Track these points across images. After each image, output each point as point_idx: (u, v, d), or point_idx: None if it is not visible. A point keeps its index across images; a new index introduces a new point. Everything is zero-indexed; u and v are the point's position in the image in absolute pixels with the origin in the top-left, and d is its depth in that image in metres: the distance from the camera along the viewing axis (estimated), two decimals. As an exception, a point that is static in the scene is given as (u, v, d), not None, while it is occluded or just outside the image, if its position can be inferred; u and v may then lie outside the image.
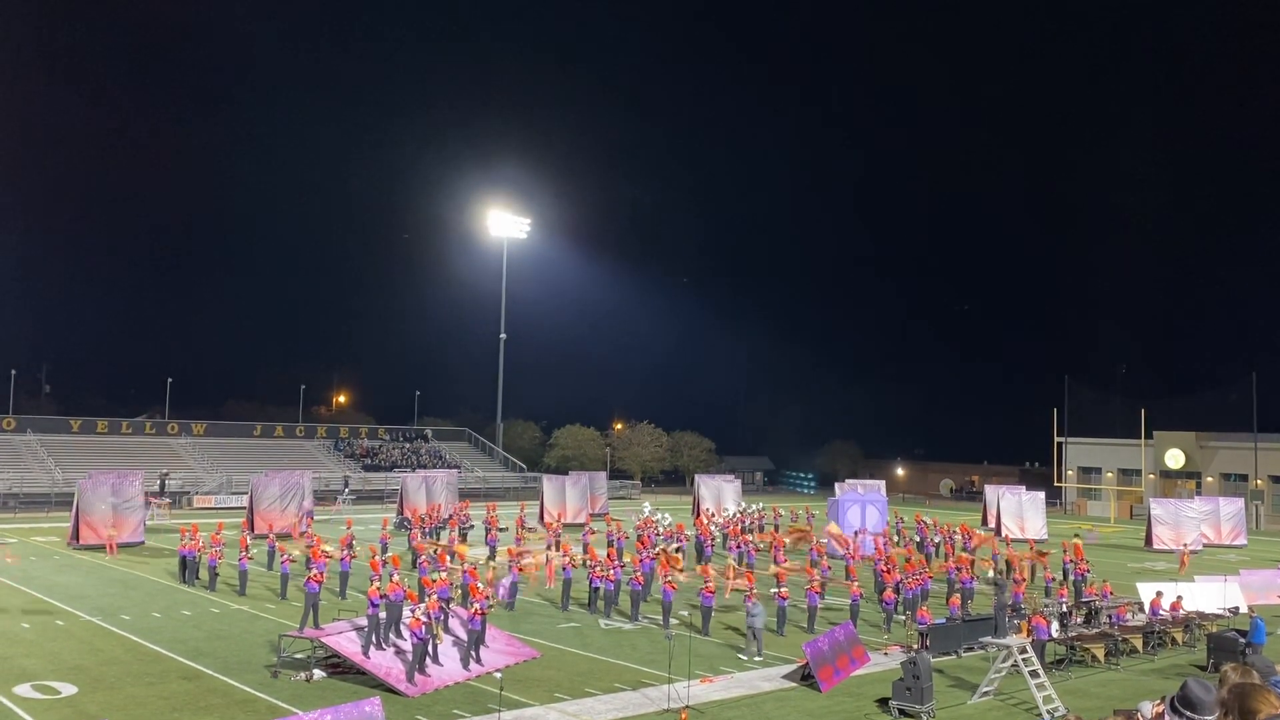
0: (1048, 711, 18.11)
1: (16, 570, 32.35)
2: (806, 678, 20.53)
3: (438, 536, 38.88)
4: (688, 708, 18.19)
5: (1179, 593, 27.06)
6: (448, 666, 20.51)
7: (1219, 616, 26.35)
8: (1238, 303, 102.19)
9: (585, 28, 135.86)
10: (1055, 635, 22.99)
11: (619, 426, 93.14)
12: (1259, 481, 68.05)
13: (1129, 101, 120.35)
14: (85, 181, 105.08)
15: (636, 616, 26.70)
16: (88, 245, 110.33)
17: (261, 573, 31.78)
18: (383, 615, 20.78)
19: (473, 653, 21.01)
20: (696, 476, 60.34)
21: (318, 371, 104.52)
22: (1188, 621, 25.63)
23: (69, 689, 18.78)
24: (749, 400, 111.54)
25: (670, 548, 33.25)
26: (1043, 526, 50.51)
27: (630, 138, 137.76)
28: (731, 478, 61.17)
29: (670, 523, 41.81)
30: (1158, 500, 52.85)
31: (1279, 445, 67.71)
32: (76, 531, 38.83)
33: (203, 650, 22.08)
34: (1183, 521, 48.16)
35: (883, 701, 19.02)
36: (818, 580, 27.58)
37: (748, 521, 46.23)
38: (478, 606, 21.56)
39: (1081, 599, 27.80)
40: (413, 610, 20.52)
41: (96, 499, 39.33)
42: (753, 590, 25.54)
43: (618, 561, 29.55)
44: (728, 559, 35.40)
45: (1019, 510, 51.18)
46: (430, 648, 20.26)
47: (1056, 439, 69.97)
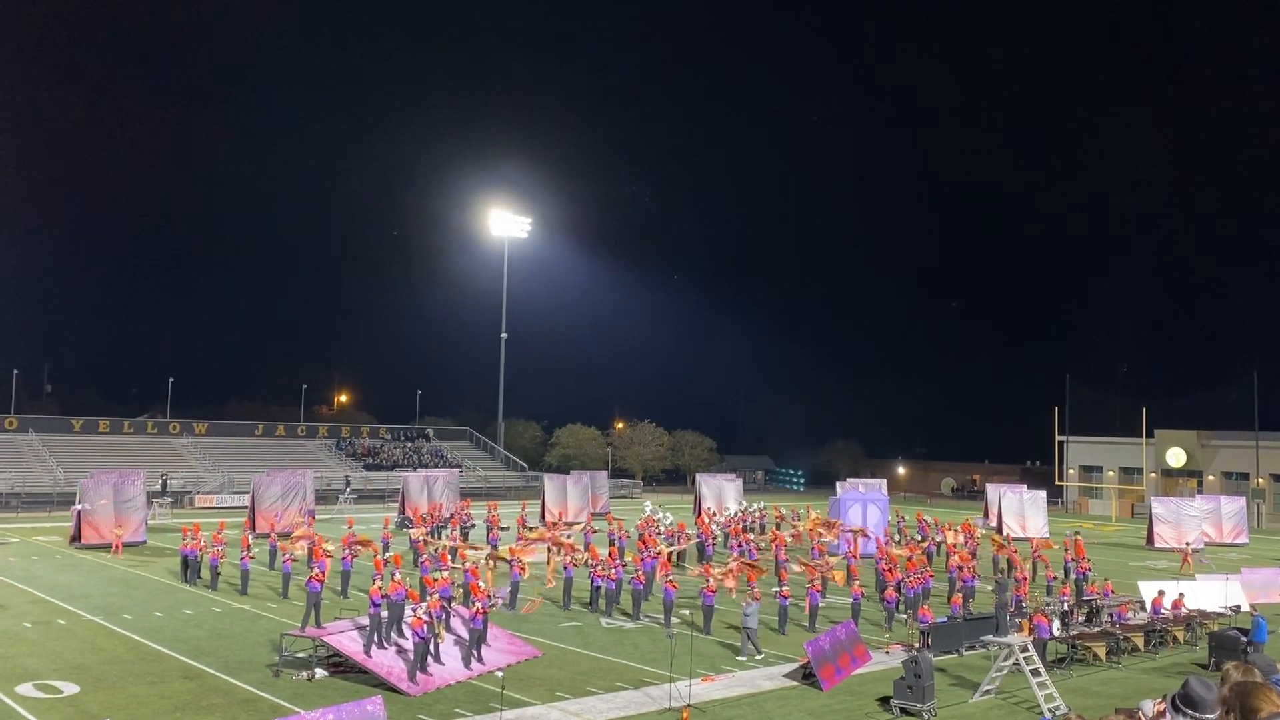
0: (1049, 710, 18.11)
1: (19, 569, 32.38)
2: (808, 676, 20.54)
3: (438, 536, 38.88)
4: (689, 706, 18.19)
5: (1180, 591, 27.07)
6: (449, 665, 20.52)
7: (1220, 615, 26.36)
8: (1239, 301, 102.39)
9: (585, 27, 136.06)
10: (1057, 634, 22.98)
11: (620, 426, 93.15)
12: (1260, 480, 68.00)
13: (1130, 100, 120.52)
14: (86, 181, 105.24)
15: (638, 615, 26.71)
16: (89, 245, 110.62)
17: (263, 572, 31.81)
18: (384, 614, 20.79)
19: (474, 652, 21.02)
20: (697, 476, 60.32)
21: (319, 371, 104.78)
22: (1189, 620, 25.64)
23: (71, 688, 18.81)
24: (750, 399, 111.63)
25: (667, 550, 33.23)
26: (1044, 525, 50.47)
27: (631, 137, 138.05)
28: (733, 477, 61.13)
29: (671, 522, 41.80)
30: (1159, 499, 52.84)
31: (1280, 444, 67.77)
32: (78, 531, 38.91)
33: (204, 649, 22.10)
34: (1184, 520, 48.13)
35: (884, 700, 19.04)
36: (819, 578, 27.57)
37: (749, 520, 46.27)
38: (479, 605, 21.57)
39: (1083, 597, 27.81)
40: (414, 609, 20.54)
41: (98, 499, 39.38)
42: (754, 589, 25.57)
43: (619, 560, 29.55)
44: (729, 558, 35.36)
45: (1020, 509, 51.18)
46: (432, 647, 20.26)
47: (1058, 438, 69.99)
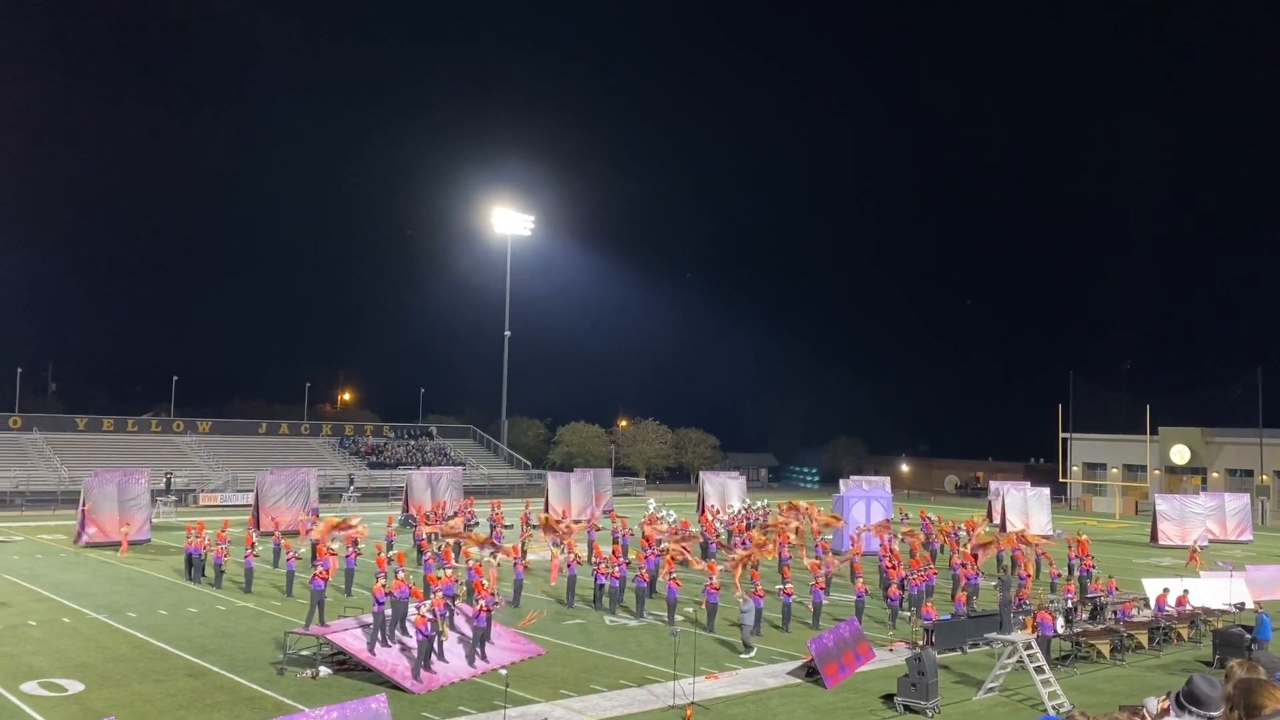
0: (1053, 707, 18.10)
1: (24, 568, 32.45)
2: (812, 674, 20.54)
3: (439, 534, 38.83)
4: (693, 704, 18.20)
5: (1185, 588, 27.05)
6: (453, 663, 20.54)
7: (1225, 612, 26.33)
8: (1243, 298, 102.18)
9: (588, 25, 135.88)
10: (1060, 631, 22.98)
11: (623, 423, 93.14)
12: (1265, 477, 67.89)
13: (1133, 96, 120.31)
14: (90, 180, 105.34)
15: (642, 613, 26.73)
16: (92, 244, 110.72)
17: (267, 570, 31.84)
18: (388, 612, 20.82)
19: (478, 649, 21.04)
20: (701, 473, 60.34)
21: (322, 369, 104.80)
22: (1193, 617, 25.62)
23: (76, 686, 18.85)
24: (753, 397, 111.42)
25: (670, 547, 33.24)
26: (1048, 523, 50.44)
27: (633, 135, 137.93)
28: (736, 474, 61.12)
29: (675, 520, 41.80)
30: (1163, 496, 52.80)
31: (1285, 441, 67.66)
32: (83, 529, 38.97)
33: (209, 647, 22.15)
34: (1188, 517, 48.09)
35: (888, 698, 19.04)
36: (822, 575, 27.59)
37: (752, 518, 46.25)
38: (483, 603, 21.58)
39: (1087, 595, 27.80)
40: (418, 607, 20.57)
41: (103, 497, 39.47)
42: (758, 587, 25.60)
43: (623, 558, 29.57)
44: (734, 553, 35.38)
45: (1024, 506, 51.14)
46: (436, 644, 20.29)
47: (1061, 435, 69.88)
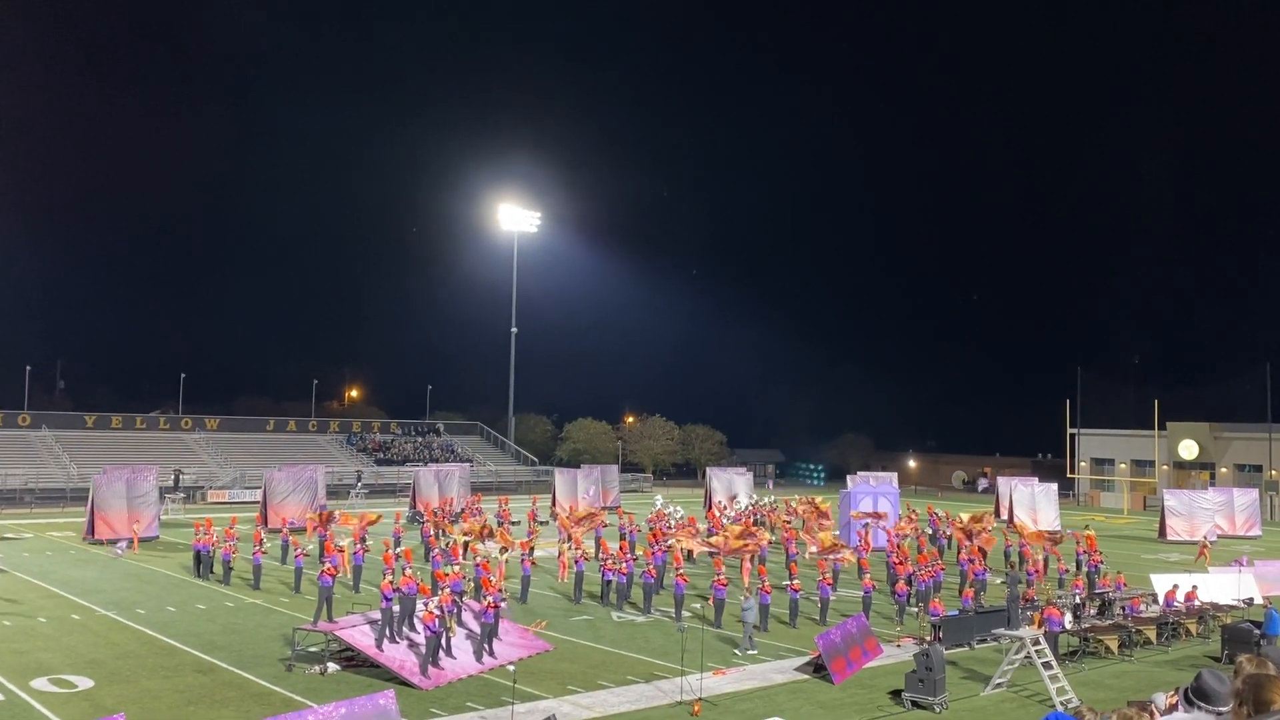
0: (1061, 703, 18.08)
1: (33, 565, 32.58)
2: (819, 669, 20.54)
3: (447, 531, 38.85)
4: (701, 699, 18.22)
5: (1193, 584, 26.98)
6: (461, 659, 20.59)
7: (1233, 608, 26.27)
8: (1251, 292, 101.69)
9: (594, 21, 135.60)
10: (1069, 627, 22.95)
11: (630, 420, 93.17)
12: (1273, 472, 67.62)
13: (1140, 89, 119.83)
14: (98, 178, 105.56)
15: (649, 609, 26.76)
16: (100, 242, 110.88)
17: (275, 567, 31.94)
18: (396, 609, 20.85)
19: (486, 645, 21.08)
20: (708, 469, 60.33)
21: (330, 366, 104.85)
22: (1202, 613, 25.56)
23: (85, 682, 18.94)
24: (760, 393, 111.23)
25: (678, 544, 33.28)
26: (1055, 518, 50.32)
27: (640, 131, 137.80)
28: (743, 470, 61.12)
29: (682, 516, 41.81)
30: (1171, 491, 52.65)
31: (1294, 436, 67.39)
32: (92, 526, 39.11)
33: (217, 644, 22.23)
34: (1196, 513, 47.97)
35: (895, 693, 19.04)
36: (831, 570, 27.58)
37: (759, 514, 46.23)
38: (490, 599, 21.62)
39: (1095, 590, 27.74)
40: (426, 604, 20.61)
41: (111, 494, 39.58)
42: (765, 583, 25.60)
43: (630, 554, 29.59)
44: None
45: (1031, 502, 51.02)
46: (443, 641, 20.34)
47: (1069, 430, 69.74)
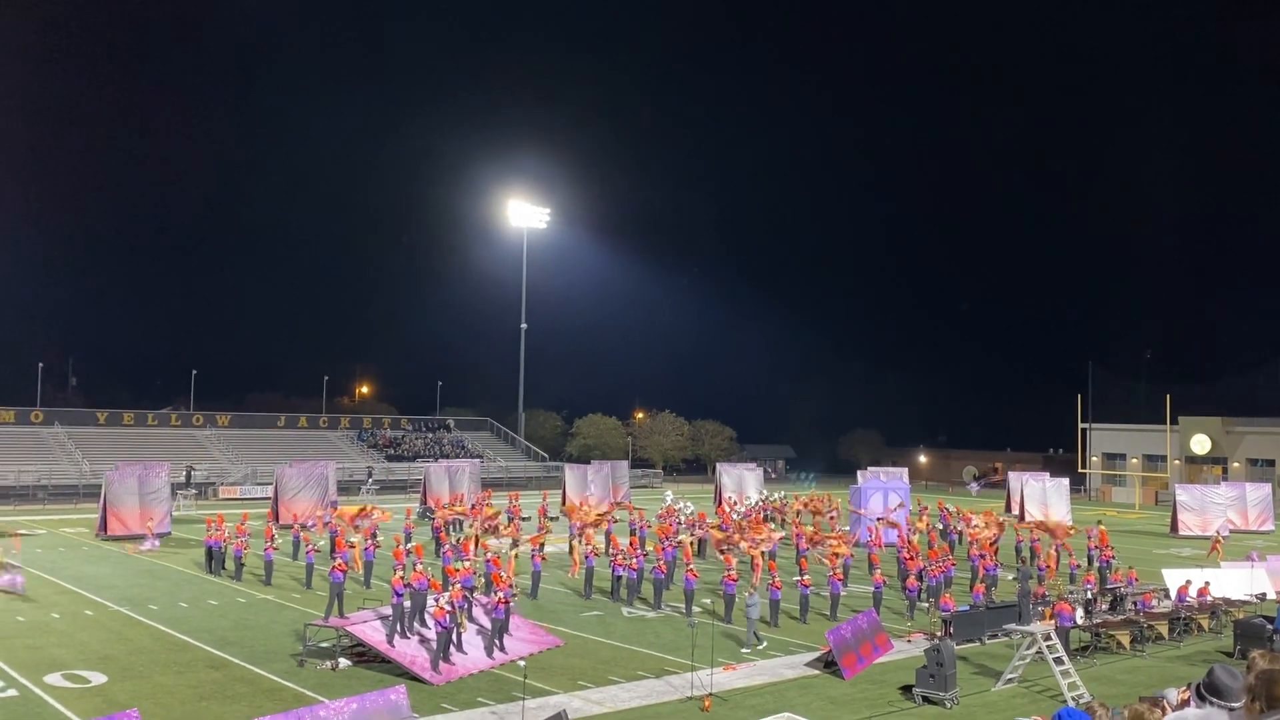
0: (1072, 699, 18.03)
1: (46, 561, 32.75)
2: (830, 665, 20.54)
3: (459, 528, 38.98)
4: (711, 695, 18.23)
5: (1206, 579, 26.87)
6: (472, 655, 20.63)
7: (1246, 603, 26.17)
8: (1263, 287, 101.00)
9: (605, 18, 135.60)
10: (1080, 622, 22.89)
11: (640, 415, 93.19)
12: (1286, 467, 67.37)
13: (1152, 83, 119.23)
14: (109, 176, 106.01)
15: (659, 604, 26.77)
16: (112, 239, 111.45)
17: (287, 562, 32.05)
18: (407, 604, 20.90)
19: (497, 641, 21.13)
20: (718, 465, 60.33)
21: (340, 363, 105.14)
22: (1214, 608, 25.46)
23: (99, 678, 19.04)
24: (770, 388, 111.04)
25: (689, 539, 33.32)
26: (1067, 513, 50.18)
27: (649, 127, 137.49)
28: (753, 466, 61.09)
29: (692, 511, 41.81)
30: (1183, 486, 52.50)
31: (1306, 430, 67.08)
32: (104, 522, 39.32)
33: (229, 639, 22.32)
34: (1209, 508, 47.78)
35: (906, 689, 19.02)
36: (841, 565, 27.57)
37: (769, 510, 46.21)
38: (501, 595, 21.66)
39: (1107, 585, 27.66)
40: (437, 599, 20.66)
41: (124, 491, 39.77)
42: (775, 578, 25.60)
43: (640, 550, 29.60)
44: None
45: (1043, 497, 50.87)
46: (454, 636, 20.38)
47: (1081, 425, 69.51)
